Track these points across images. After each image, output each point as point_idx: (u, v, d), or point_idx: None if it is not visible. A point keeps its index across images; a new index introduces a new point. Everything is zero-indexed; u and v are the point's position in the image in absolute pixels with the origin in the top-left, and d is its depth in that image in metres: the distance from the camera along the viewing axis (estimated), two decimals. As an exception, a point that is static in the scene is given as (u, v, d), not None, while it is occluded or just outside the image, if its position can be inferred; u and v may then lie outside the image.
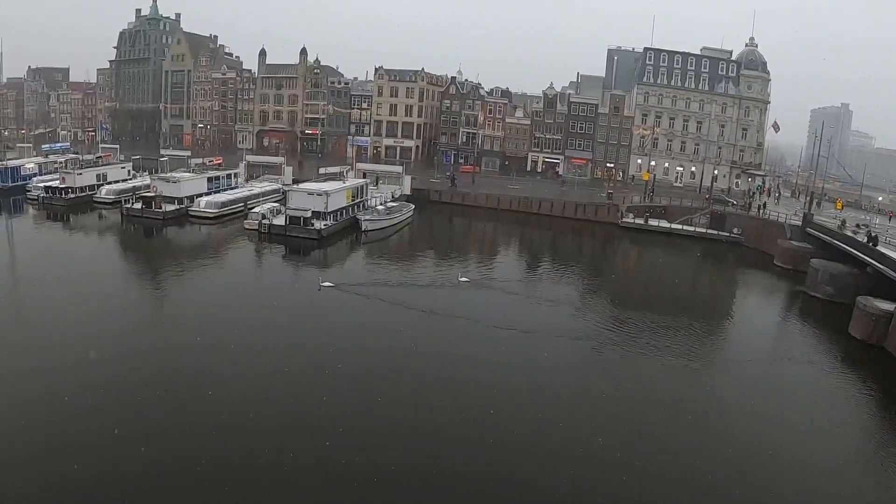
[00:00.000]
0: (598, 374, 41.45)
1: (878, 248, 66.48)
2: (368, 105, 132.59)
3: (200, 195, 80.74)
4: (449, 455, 29.66)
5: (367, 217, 76.34)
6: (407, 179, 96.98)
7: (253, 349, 39.67)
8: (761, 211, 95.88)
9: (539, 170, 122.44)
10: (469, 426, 32.21)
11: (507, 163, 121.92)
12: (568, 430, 32.75)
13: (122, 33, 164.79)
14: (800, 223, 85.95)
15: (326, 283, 53.64)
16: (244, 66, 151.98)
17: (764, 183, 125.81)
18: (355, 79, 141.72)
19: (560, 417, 33.99)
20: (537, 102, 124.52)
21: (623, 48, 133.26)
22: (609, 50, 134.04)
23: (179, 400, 32.34)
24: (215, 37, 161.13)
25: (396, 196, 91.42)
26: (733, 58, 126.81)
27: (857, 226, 76.85)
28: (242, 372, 36.16)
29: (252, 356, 38.62)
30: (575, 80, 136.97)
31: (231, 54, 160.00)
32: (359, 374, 37.20)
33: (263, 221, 71.34)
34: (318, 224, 70.57)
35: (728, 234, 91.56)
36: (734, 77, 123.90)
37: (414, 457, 29.15)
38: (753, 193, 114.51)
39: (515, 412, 34.15)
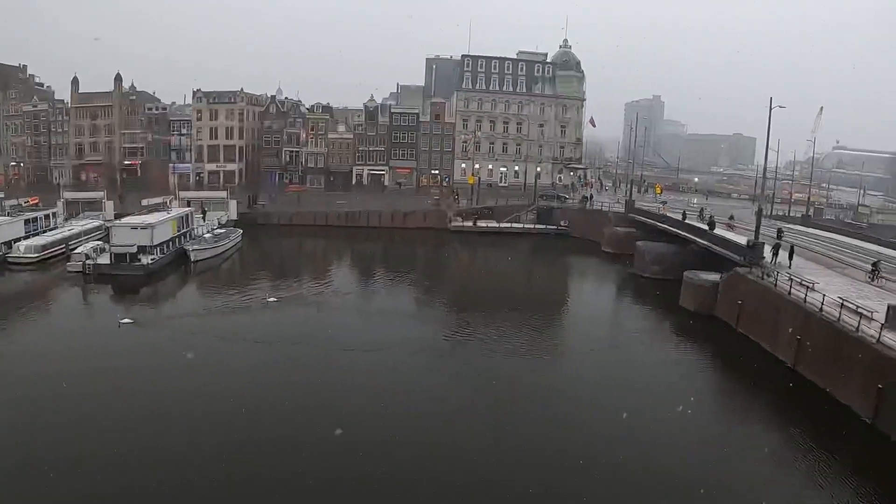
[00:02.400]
0: (446, 383, 40.71)
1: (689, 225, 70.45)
2: (188, 130, 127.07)
3: (18, 239, 74.33)
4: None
5: (195, 247, 72.30)
6: (233, 204, 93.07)
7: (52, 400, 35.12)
8: (588, 202, 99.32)
9: (365, 183, 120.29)
10: (316, 458, 30.53)
11: (332, 179, 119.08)
12: (425, 446, 32.02)
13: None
14: (623, 210, 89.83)
15: (126, 320, 49.04)
16: (56, 97, 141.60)
17: (585, 176, 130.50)
18: (173, 103, 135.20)
19: (415, 435, 32.83)
20: (359, 116, 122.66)
21: (441, 56, 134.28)
22: (427, 59, 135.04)
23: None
24: (24, 66, 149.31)
25: (223, 222, 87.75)
26: (549, 59, 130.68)
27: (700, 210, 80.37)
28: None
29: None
30: (395, 90, 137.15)
31: (42, 84, 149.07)
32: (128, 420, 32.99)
33: (88, 262, 65.50)
34: (145, 259, 65.71)
35: (556, 227, 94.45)
36: (550, 78, 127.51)
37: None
38: (575, 186, 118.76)
39: (366, 435, 32.32)
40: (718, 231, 67.26)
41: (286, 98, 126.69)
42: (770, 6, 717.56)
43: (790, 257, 58.16)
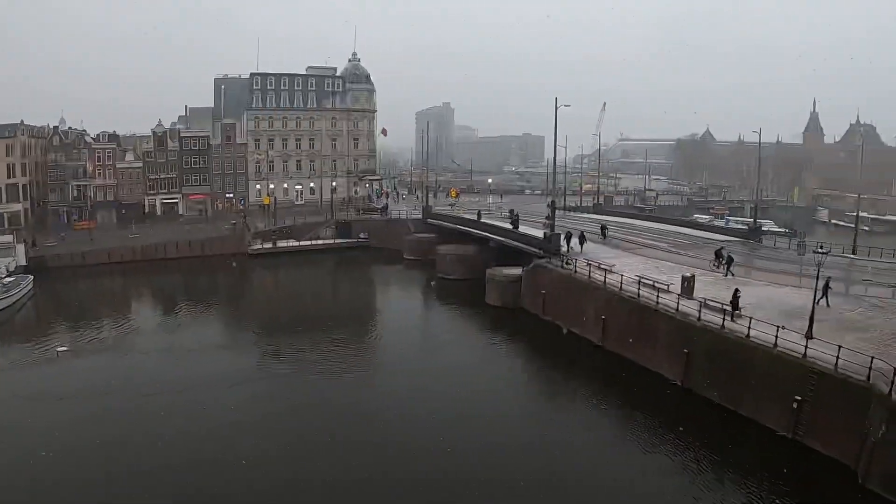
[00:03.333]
0: (267, 415, 40.33)
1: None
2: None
3: None
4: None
5: None
6: (20, 248, 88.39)
7: None
8: (384, 212, 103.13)
9: (158, 213, 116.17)
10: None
11: (124, 211, 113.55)
12: (255, 483, 32.30)
13: None
14: (421, 216, 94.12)
15: None
16: None
17: (381, 186, 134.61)
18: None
19: (240, 476, 32.89)
20: (147, 143, 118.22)
21: (230, 76, 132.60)
22: (216, 79, 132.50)
23: None
24: None
25: (12, 269, 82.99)
26: (338, 73, 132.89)
27: (511, 211, 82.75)
28: None
29: None
30: (184, 114, 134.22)
31: None
32: None
33: None
34: None
35: (356, 240, 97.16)
36: (341, 92, 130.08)
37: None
38: (372, 198, 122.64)
39: (191, 480, 32.52)
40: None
41: (70, 128, 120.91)
42: (556, 10, 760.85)
43: (581, 243, 64.43)
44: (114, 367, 49.78)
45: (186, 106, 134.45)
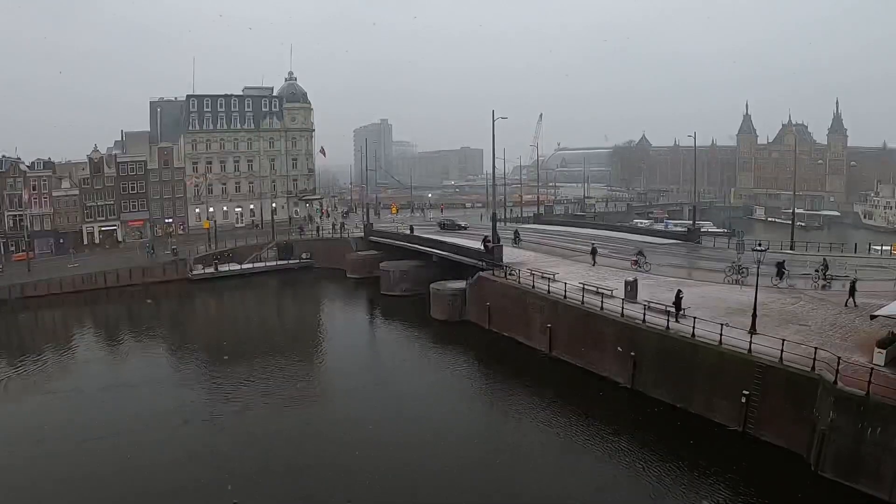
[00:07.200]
0: (224, 455, 38.74)
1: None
2: None
3: None
4: None
5: None
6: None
7: None
8: (336, 231, 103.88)
9: (97, 241, 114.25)
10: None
11: (62, 241, 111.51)
12: None
13: None
14: (362, 234, 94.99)
15: None
16: None
17: (322, 206, 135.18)
18: None
19: None
20: (83, 169, 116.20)
21: (166, 98, 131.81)
22: (151, 102, 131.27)
23: None
24: None
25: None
26: (275, 93, 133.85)
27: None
28: None
29: None
30: (120, 138, 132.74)
31: None
32: None
33: None
34: None
35: (298, 261, 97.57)
36: (278, 111, 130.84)
37: None
38: (312, 217, 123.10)
39: None
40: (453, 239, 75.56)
41: (3, 157, 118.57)
42: (489, 18, 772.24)
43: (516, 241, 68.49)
44: (51, 410, 47.22)
45: (122, 130, 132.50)
